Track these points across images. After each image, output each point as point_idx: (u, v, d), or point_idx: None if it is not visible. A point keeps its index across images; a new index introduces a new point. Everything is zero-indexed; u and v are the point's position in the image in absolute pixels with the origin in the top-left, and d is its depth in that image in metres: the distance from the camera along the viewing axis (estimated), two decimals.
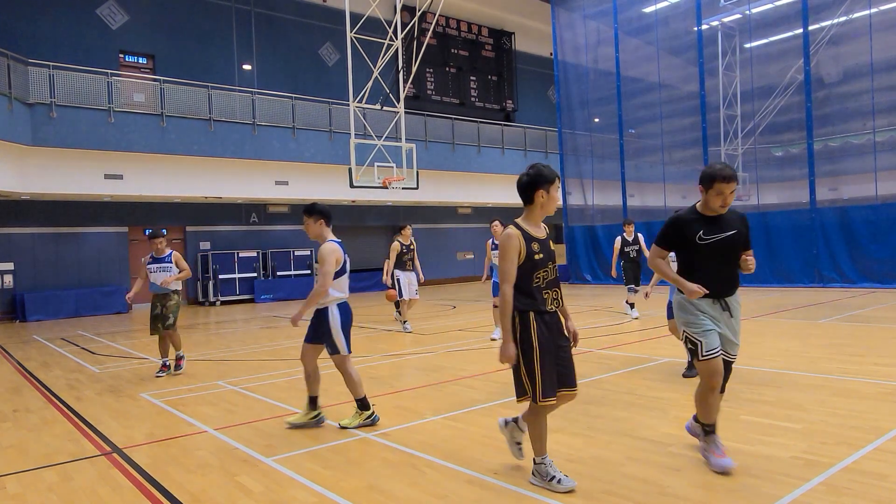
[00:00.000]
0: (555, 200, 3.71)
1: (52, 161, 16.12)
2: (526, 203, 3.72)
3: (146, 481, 4.11)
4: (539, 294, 3.63)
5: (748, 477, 3.68)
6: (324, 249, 5.16)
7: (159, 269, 7.91)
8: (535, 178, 3.64)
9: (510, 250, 3.58)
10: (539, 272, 3.63)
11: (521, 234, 3.61)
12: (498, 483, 3.79)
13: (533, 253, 3.61)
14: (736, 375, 6.44)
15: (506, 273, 3.60)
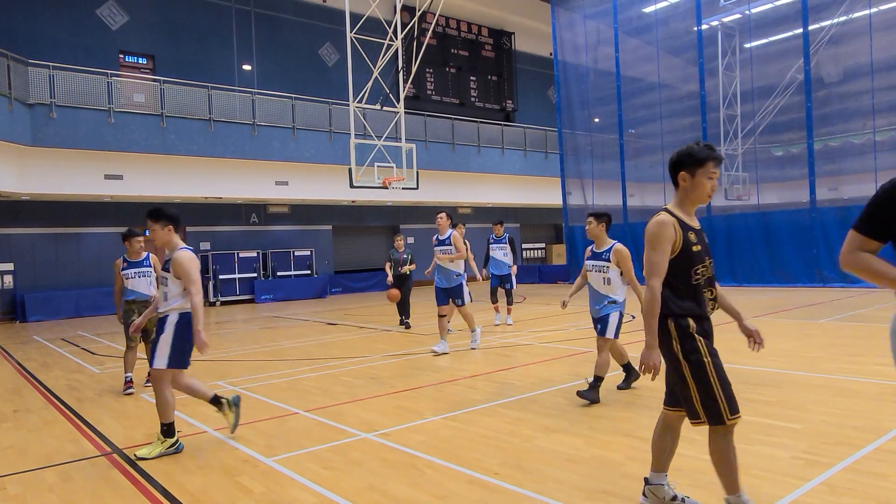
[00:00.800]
0: (703, 187, 3.05)
1: (52, 161, 16.13)
2: (675, 186, 3.15)
3: (146, 482, 4.11)
4: (699, 294, 3.07)
5: (748, 477, 3.67)
6: (183, 258, 4.74)
7: (137, 275, 7.07)
8: (681, 158, 3.05)
9: (662, 240, 2.99)
10: (698, 267, 3.07)
11: (677, 222, 3.04)
12: (498, 483, 3.79)
13: (690, 244, 3.06)
14: (736, 375, 6.43)
15: (655, 265, 3.00)
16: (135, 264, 7.11)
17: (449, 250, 8.80)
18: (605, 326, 5.81)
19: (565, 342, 9.29)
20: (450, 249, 8.76)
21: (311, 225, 23.56)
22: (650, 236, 3.03)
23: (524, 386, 6.40)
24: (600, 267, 6.09)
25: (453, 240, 8.71)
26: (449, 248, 8.77)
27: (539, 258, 31.28)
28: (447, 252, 8.74)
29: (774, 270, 17.30)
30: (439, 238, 8.94)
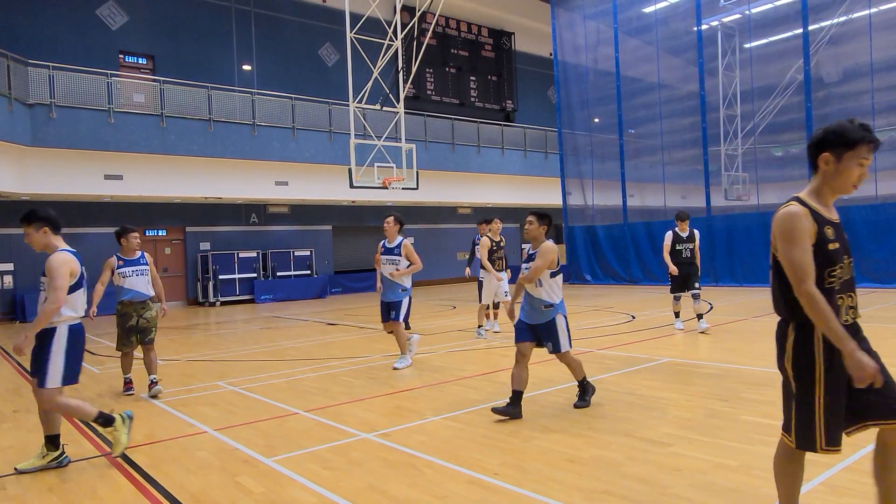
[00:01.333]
0: (849, 174, 2.55)
1: (52, 162, 16.12)
2: (812, 170, 2.65)
3: (146, 482, 4.11)
4: (833, 299, 2.55)
5: (749, 477, 3.67)
6: (53, 261, 4.44)
7: (135, 273, 6.68)
8: (827, 136, 2.56)
9: (800, 234, 2.50)
10: (834, 269, 2.56)
11: (810, 213, 2.55)
12: (498, 483, 3.78)
13: (826, 240, 2.55)
14: (736, 375, 6.45)
15: (801, 267, 2.48)
16: (132, 262, 6.72)
17: (397, 261, 7.65)
18: (557, 339, 5.40)
19: None
20: (398, 260, 7.66)
21: (311, 225, 23.55)
22: (783, 232, 2.54)
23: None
24: None
25: (404, 249, 7.71)
26: (397, 258, 7.67)
27: None
28: (394, 262, 7.64)
29: None
30: (386, 245, 7.80)
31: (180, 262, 20.93)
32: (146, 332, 6.72)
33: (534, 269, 5.32)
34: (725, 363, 7.11)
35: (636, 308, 13.52)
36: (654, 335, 9.59)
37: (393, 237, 7.88)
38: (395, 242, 7.83)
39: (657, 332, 9.86)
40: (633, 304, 14.54)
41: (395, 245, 7.81)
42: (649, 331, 10.05)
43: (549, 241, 5.47)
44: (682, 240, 9.53)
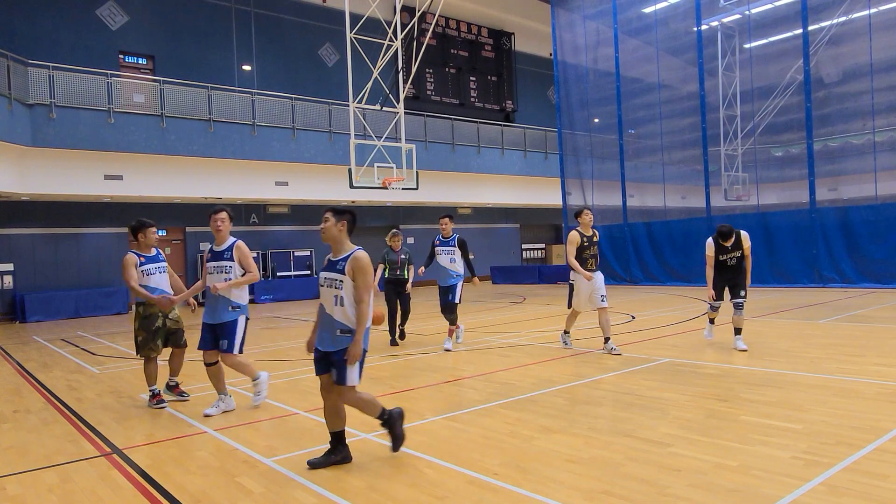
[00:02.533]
0: None
1: (52, 162, 16.13)
2: None
3: (146, 482, 4.11)
4: None
5: (749, 477, 3.68)
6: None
7: (158, 271, 6.25)
8: None
9: None
10: None
11: None
12: (497, 483, 3.79)
13: None
14: (736, 375, 6.45)
15: None
16: (153, 259, 6.25)
17: (227, 268, 5.74)
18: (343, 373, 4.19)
19: None
20: (229, 267, 5.75)
21: (311, 225, 23.56)
22: None
23: (524, 386, 6.40)
24: (333, 281, 4.36)
25: (236, 252, 5.89)
26: (228, 264, 5.76)
27: (539, 258, 31.30)
28: (224, 270, 5.76)
29: (774, 271, 17.29)
30: (214, 249, 5.95)
31: (180, 263, 20.93)
32: (177, 333, 6.33)
33: (358, 295, 4.13)
34: (725, 363, 7.11)
35: (636, 308, 13.52)
36: (653, 335, 9.58)
37: (223, 240, 5.97)
38: (225, 245, 5.92)
39: (657, 333, 9.86)
40: (632, 304, 14.54)
41: (225, 248, 5.88)
42: (649, 331, 10.06)
43: (361, 251, 4.28)
44: (725, 250, 8.07)
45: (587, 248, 8.02)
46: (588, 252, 8.02)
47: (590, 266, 8.03)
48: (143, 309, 6.17)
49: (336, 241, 4.40)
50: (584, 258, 7.99)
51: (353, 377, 4.18)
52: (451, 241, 9.06)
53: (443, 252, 9.07)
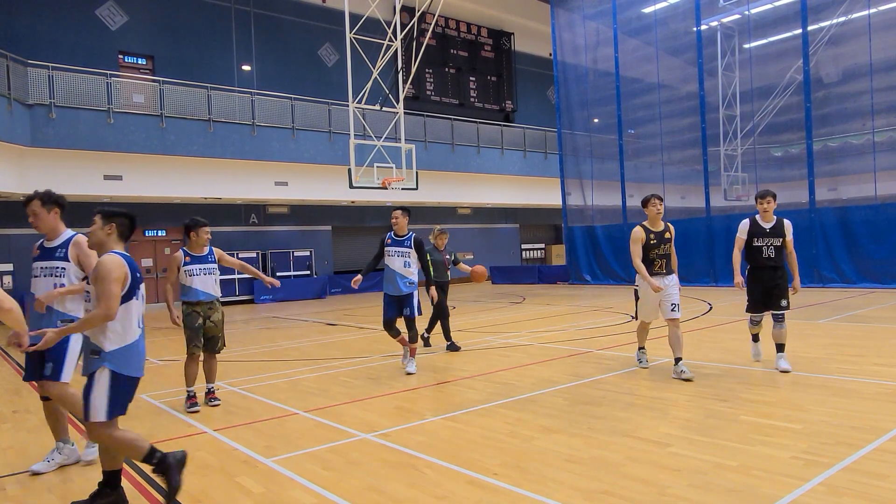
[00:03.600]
0: None
1: (52, 162, 16.13)
2: None
3: (146, 482, 4.11)
4: None
5: (749, 477, 3.68)
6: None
7: (204, 272, 6.10)
8: None
9: None
10: None
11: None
12: (497, 483, 3.79)
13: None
14: (736, 375, 6.45)
15: None
16: (200, 259, 6.10)
17: (58, 270, 4.52)
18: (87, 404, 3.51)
19: (565, 342, 9.29)
20: (59, 270, 4.52)
21: (311, 225, 23.56)
22: None
23: (524, 386, 6.40)
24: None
25: (72, 249, 4.57)
26: (60, 265, 4.54)
27: (539, 259, 31.30)
28: (52, 272, 4.52)
29: None
30: (44, 245, 4.73)
31: None
32: (213, 339, 6.13)
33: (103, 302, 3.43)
34: (725, 363, 7.11)
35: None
36: (653, 335, 9.58)
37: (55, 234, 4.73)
38: (59, 240, 4.69)
39: (657, 333, 9.86)
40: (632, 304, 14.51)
41: (56, 243, 4.66)
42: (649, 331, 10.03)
43: (113, 254, 3.58)
44: (762, 232, 6.65)
45: (654, 246, 6.49)
46: (656, 251, 6.51)
47: (657, 268, 6.52)
48: (185, 308, 6.07)
49: (100, 245, 3.67)
50: (650, 259, 6.51)
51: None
52: (405, 241, 7.50)
53: (395, 253, 7.47)
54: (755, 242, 6.66)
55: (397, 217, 7.49)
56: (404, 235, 7.54)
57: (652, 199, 6.56)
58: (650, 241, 6.49)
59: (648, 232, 6.51)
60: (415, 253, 7.49)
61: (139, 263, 20.86)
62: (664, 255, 6.55)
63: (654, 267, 6.52)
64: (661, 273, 6.53)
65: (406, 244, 7.49)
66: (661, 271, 6.54)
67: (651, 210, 6.55)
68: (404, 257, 7.44)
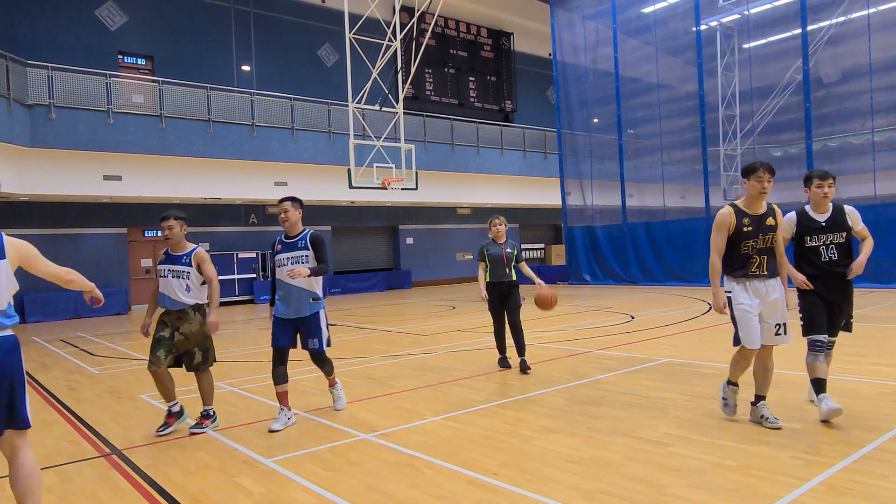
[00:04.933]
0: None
1: (51, 162, 16.12)
2: None
3: (146, 483, 4.11)
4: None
5: (748, 477, 3.68)
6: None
7: (171, 274, 5.22)
8: None
9: None
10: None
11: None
12: (497, 483, 3.78)
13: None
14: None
15: None
16: (171, 259, 5.29)
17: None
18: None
19: (565, 342, 9.30)
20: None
21: (311, 225, 23.44)
22: None
23: (523, 386, 6.40)
24: None
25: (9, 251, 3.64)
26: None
27: (538, 259, 31.30)
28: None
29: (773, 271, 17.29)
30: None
31: None
32: (187, 354, 5.27)
33: None
34: (724, 363, 7.09)
35: (635, 308, 13.53)
36: (653, 335, 9.59)
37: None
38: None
39: (656, 333, 9.87)
40: (632, 304, 14.54)
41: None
42: (648, 331, 10.06)
43: None
44: (818, 227, 4.88)
45: (750, 235, 4.55)
46: (752, 243, 4.55)
47: (753, 269, 4.58)
48: (160, 315, 5.37)
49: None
50: (741, 255, 4.57)
51: None
52: (299, 241, 5.46)
53: (288, 261, 5.38)
54: (808, 242, 4.90)
55: (286, 210, 5.46)
56: (297, 235, 5.52)
57: (759, 171, 4.53)
58: (743, 228, 4.54)
59: (741, 215, 4.59)
60: (312, 254, 5.43)
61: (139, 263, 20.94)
62: (764, 250, 4.58)
63: (750, 267, 4.58)
64: (757, 275, 4.60)
65: (301, 245, 5.44)
66: (758, 273, 4.60)
67: (754, 186, 4.56)
68: (301, 264, 5.33)
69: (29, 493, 3.12)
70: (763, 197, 4.64)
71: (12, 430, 3.11)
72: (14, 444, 3.13)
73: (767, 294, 4.66)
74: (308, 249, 5.45)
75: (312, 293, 5.41)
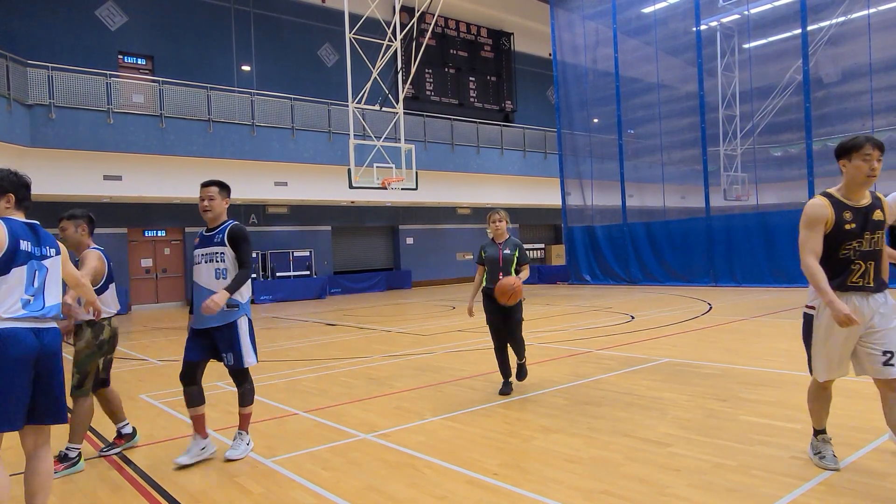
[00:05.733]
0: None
1: (51, 162, 16.12)
2: None
3: (145, 482, 4.11)
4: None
5: (748, 477, 3.68)
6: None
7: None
8: None
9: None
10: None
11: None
12: (497, 483, 3.79)
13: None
14: (736, 376, 6.45)
15: None
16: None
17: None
18: None
19: (565, 342, 9.30)
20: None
21: (311, 226, 23.56)
22: None
23: (523, 386, 6.40)
24: None
25: None
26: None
27: (538, 259, 31.31)
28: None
29: (773, 271, 17.31)
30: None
31: (179, 263, 20.93)
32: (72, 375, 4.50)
33: None
34: (724, 363, 7.11)
35: (635, 308, 13.53)
36: (652, 335, 9.59)
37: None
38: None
39: (656, 333, 9.86)
40: (632, 304, 14.54)
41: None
42: (648, 331, 10.06)
43: None
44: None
45: (850, 235, 3.50)
46: (856, 245, 3.49)
47: (855, 278, 3.49)
48: None
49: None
50: (841, 259, 3.51)
51: None
52: (216, 236, 4.53)
53: (202, 258, 4.58)
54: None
55: (211, 198, 4.64)
56: (216, 227, 4.60)
57: (865, 147, 3.51)
58: (844, 225, 3.49)
59: (841, 207, 3.55)
60: (231, 252, 4.46)
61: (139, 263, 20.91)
62: (870, 254, 3.51)
63: (852, 275, 3.49)
64: (860, 287, 3.50)
65: (217, 240, 4.50)
66: (860, 283, 3.50)
67: (859, 168, 3.54)
68: (216, 262, 4.47)
69: (43, 490, 3.36)
70: (871, 183, 3.58)
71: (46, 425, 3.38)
72: (39, 439, 3.44)
73: (874, 313, 3.47)
74: (225, 246, 4.43)
75: (232, 299, 4.39)
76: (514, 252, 6.03)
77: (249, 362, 4.50)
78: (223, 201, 4.67)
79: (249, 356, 4.49)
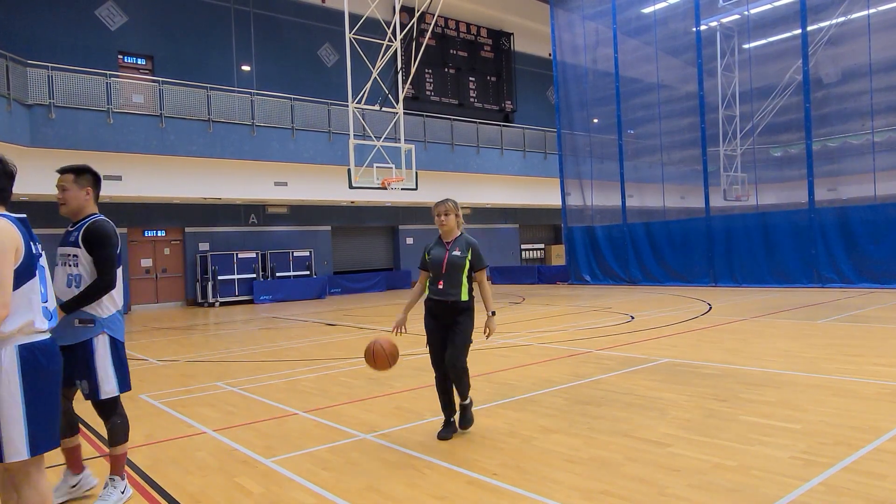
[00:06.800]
0: None
1: (51, 162, 15.95)
2: None
3: (145, 482, 4.11)
4: None
5: (748, 477, 3.68)
6: None
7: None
8: None
9: None
10: None
11: None
12: (497, 483, 3.79)
13: None
14: (735, 375, 6.45)
15: None
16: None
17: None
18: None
19: (564, 342, 9.29)
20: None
21: (310, 226, 23.56)
22: None
23: (523, 386, 6.40)
24: None
25: None
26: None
27: (538, 259, 31.32)
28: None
29: (773, 271, 17.32)
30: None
31: (179, 263, 20.93)
32: None
33: None
34: (724, 363, 7.11)
35: (635, 308, 13.53)
36: (652, 335, 9.59)
37: None
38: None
39: (656, 333, 9.86)
40: (631, 304, 14.54)
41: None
42: (648, 331, 10.05)
43: None
44: None
45: None
46: None
47: None
48: None
49: None
50: None
51: None
52: (73, 234, 3.79)
53: (59, 258, 3.80)
54: None
55: (64, 189, 3.79)
56: (77, 223, 3.83)
57: None
58: None
59: None
60: (86, 255, 3.67)
61: (139, 263, 20.89)
62: None
63: None
64: None
65: (72, 239, 3.77)
66: None
67: None
68: (69, 266, 3.71)
69: None
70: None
71: None
72: None
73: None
74: (79, 248, 3.65)
75: (79, 313, 3.55)
76: (465, 253, 4.63)
77: (108, 392, 3.56)
78: (82, 191, 3.70)
79: (107, 383, 3.55)
